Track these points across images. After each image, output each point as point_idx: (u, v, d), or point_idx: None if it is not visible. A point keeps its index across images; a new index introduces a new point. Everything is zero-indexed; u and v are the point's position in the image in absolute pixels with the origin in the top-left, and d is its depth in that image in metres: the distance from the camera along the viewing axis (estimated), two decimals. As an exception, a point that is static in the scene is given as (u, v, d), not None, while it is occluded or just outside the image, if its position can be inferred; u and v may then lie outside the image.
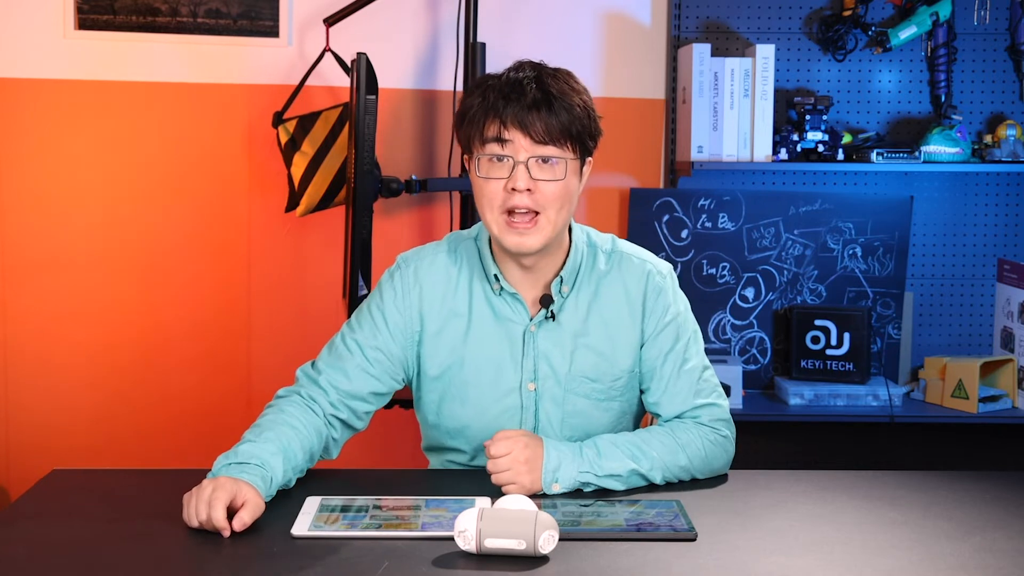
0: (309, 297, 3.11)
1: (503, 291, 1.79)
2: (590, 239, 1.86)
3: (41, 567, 1.40)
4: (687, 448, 1.75)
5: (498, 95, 1.69)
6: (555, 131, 1.68)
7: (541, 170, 1.70)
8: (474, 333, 1.80)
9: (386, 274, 1.86)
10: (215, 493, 1.51)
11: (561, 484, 1.67)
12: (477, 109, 1.71)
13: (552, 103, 1.68)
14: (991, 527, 1.55)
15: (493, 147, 1.70)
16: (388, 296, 1.82)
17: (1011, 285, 2.96)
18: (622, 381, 1.83)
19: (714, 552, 1.45)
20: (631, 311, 1.82)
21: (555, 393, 1.80)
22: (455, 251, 1.84)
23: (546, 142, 1.69)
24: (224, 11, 3.01)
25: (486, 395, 1.81)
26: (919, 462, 3.07)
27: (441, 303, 1.81)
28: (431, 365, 1.82)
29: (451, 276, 1.82)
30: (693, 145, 2.93)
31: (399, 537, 1.48)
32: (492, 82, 1.72)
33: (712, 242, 3.00)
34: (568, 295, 1.81)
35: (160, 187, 3.06)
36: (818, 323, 2.96)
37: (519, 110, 1.68)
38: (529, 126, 1.68)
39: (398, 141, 3.10)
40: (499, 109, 1.68)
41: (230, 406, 3.11)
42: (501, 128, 1.69)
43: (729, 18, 3.09)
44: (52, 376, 3.06)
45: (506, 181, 1.70)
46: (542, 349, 1.80)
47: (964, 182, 3.14)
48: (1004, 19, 3.09)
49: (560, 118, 1.68)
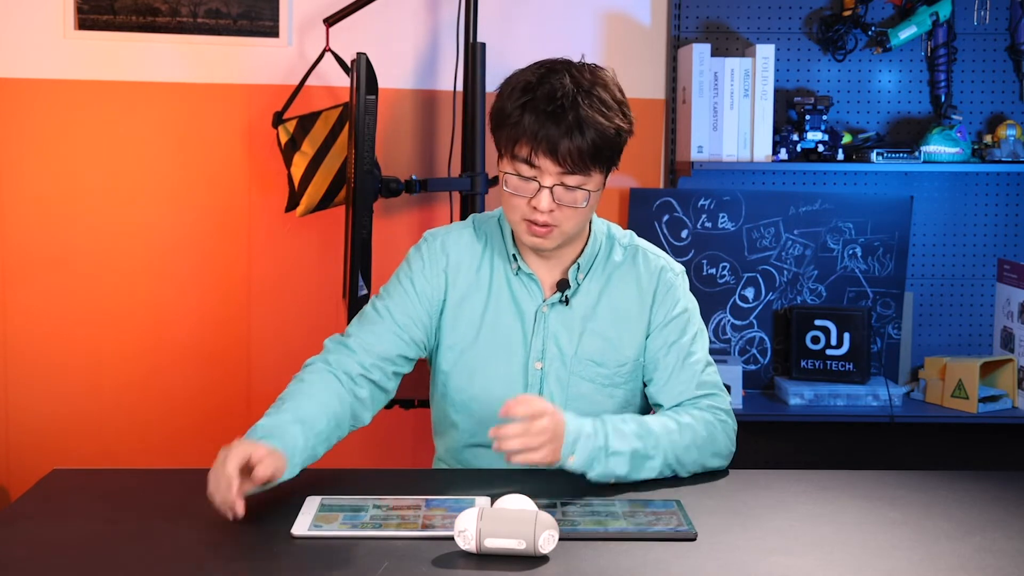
0: (309, 297, 3.11)
1: (520, 271, 1.85)
2: (610, 231, 1.91)
3: (41, 567, 1.40)
4: (687, 430, 1.75)
5: (534, 117, 1.69)
6: (583, 158, 1.70)
7: (565, 194, 1.73)
8: (491, 309, 1.85)
9: (413, 248, 1.91)
10: (228, 454, 1.52)
11: (577, 456, 1.65)
12: (514, 125, 1.71)
13: (584, 131, 1.69)
14: (991, 527, 1.55)
15: (522, 167, 1.73)
16: (416, 265, 1.87)
17: (1011, 285, 2.96)
18: (627, 368, 1.86)
19: (714, 552, 1.45)
20: (641, 302, 1.86)
21: (560, 374, 1.84)
22: (479, 229, 1.90)
23: (573, 172, 1.71)
24: (224, 11, 3.01)
25: (494, 371, 1.85)
26: (919, 462, 3.07)
27: (465, 275, 1.86)
28: (448, 334, 1.86)
29: (475, 252, 1.87)
30: (693, 145, 2.93)
31: (399, 537, 1.48)
32: (532, 96, 1.70)
33: (712, 242, 3.00)
34: (583, 281, 1.85)
35: (160, 187, 3.06)
36: (818, 323, 2.96)
37: (553, 137, 1.68)
38: (559, 155, 1.69)
39: (398, 141, 3.10)
40: (534, 133, 1.69)
41: (230, 406, 3.11)
42: (532, 153, 1.70)
43: (729, 18, 3.09)
44: (52, 376, 3.07)
45: (530, 199, 1.73)
46: (552, 330, 1.84)
47: (964, 182, 3.14)
48: (1004, 19, 3.09)
49: (589, 144, 1.69)
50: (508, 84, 1.77)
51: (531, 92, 1.71)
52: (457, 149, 3.00)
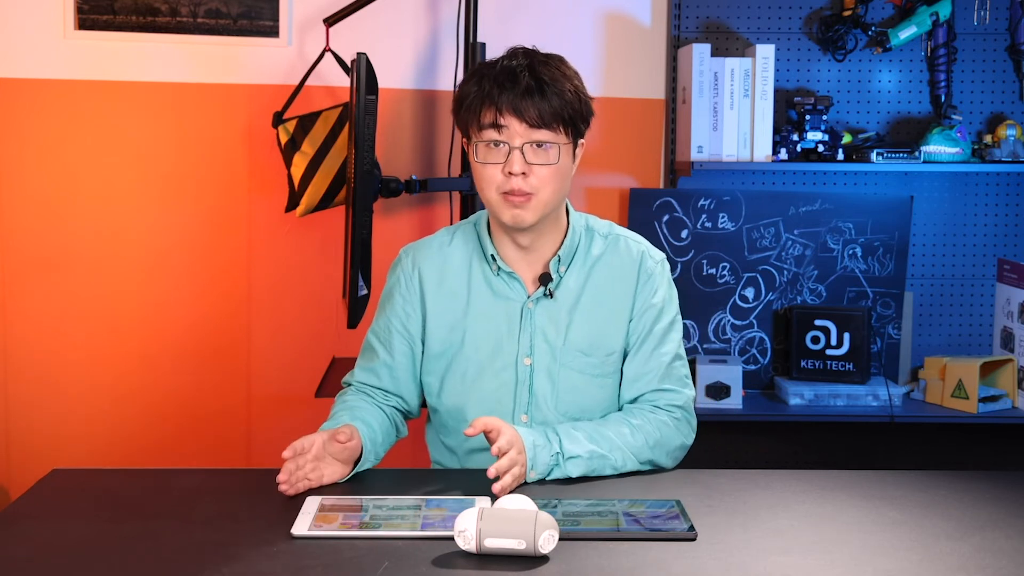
0: (309, 297, 3.11)
1: (500, 271, 1.87)
2: (588, 224, 1.93)
3: (41, 567, 1.40)
4: (640, 430, 1.80)
5: (493, 83, 1.76)
6: (548, 116, 1.75)
7: (535, 154, 1.77)
8: (473, 310, 1.87)
9: (389, 270, 1.96)
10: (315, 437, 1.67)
11: (536, 471, 1.71)
12: (474, 97, 1.78)
13: (544, 89, 1.75)
14: (991, 527, 1.55)
15: (490, 133, 1.77)
16: (394, 285, 1.93)
17: (1011, 285, 2.96)
18: (615, 357, 1.88)
19: (714, 552, 1.45)
20: (624, 289, 1.88)
21: (550, 367, 1.86)
22: (452, 236, 1.93)
23: (539, 127, 1.75)
24: (224, 11, 3.01)
25: (484, 370, 1.87)
26: (919, 462, 3.07)
27: (439, 285, 1.89)
28: (433, 342, 1.89)
29: (448, 259, 1.90)
30: (693, 145, 2.93)
31: (399, 537, 1.48)
32: (487, 70, 1.79)
33: (712, 242, 3.00)
34: (564, 274, 1.87)
35: (160, 187, 3.06)
36: (818, 323, 2.96)
37: (513, 97, 1.74)
38: (523, 112, 1.74)
39: (398, 141, 3.10)
40: (494, 97, 1.75)
41: (230, 406, 3.11)
42: (497, 115, 1.76)
43: (729, 18, 3.09)
44: (52, 376, 3.07)
45: (503, 165, 1.77)
46: (539, 324, 1.86)
47: (964, 182, 3.14)
48: (1004, 19, 3.09)
49: (552, 103, 1.75)
50: (464, 77, 1.85)
51: (484, 68, 1.80)
52: (457, 149, 3.00)
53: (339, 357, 3.03)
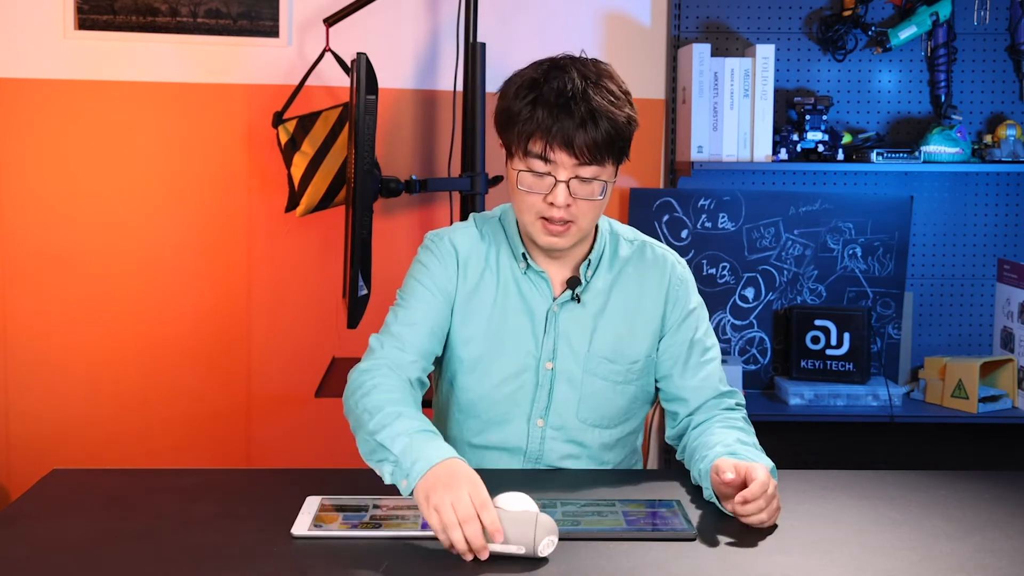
0: (309, 297, 3.11)
1: (530, 269, 1.83)
2: (612, 228, 1.90)
3: (41, 567, 1.40)
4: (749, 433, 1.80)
5: (546, 111, 1.67)
6: (598, 149, 1.68)
7: (580, 187, 1.71)
8: (499, 307, 1.83)
9: (421, 249, 1.87)
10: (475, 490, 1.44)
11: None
12: (525, 121, 1.69)
13: (598, 122, 1.67)
14: (991, 527, 1.55)
15: (536, 163, 1.70)
16: (429, 261, 1.84)
17: (1011, 285, 2.96)
18: (639, 364, 1.85)
19: (714, 552, 1.45)
20: (654, 297, 1.86)
21: (573, 373, 1.82)
22: (482, 229, 1.87)
23: (588, 163, 1.69)
24: (224, 11, 3.01)
25: (502, 370, 1.82)
26: (919, 462, 3.07)
27: (473, 271, 1.84)
28: (460, 329, 1.83)
29: (480, 250, 1.85)
30: (693, 145, 2.93)
31: (399, 537, 1.48)
32: (539, 89, 1.69)
33: (712, 242, 3.00)
34: (591, 278, 1.84)
35: (160, 187, 3.06)
36: (818, 323, 2.96)
37: (566, 130, 1.67)
38: (574, 146, 1.67)
39: (398, 141, 3.10)
40: (548, 127, 1.67)
41: (230, 406, 3.11)
42: (546, 148, 1.68)
43: (729, 18, 3.09)
44: (52, 376, 3.07)
45: (546, 195, 1.71)
46: (563, 329, 1.82)
47: (964, 182, 3.14)
48: (1004, 19, 3.09)
49: (603, 135, 1.68)
50: (512, 83, 1.75)
51: (538, 88, 1.70)
52: (457, 149, 3.00)
53: (339, 357, 3.03)
